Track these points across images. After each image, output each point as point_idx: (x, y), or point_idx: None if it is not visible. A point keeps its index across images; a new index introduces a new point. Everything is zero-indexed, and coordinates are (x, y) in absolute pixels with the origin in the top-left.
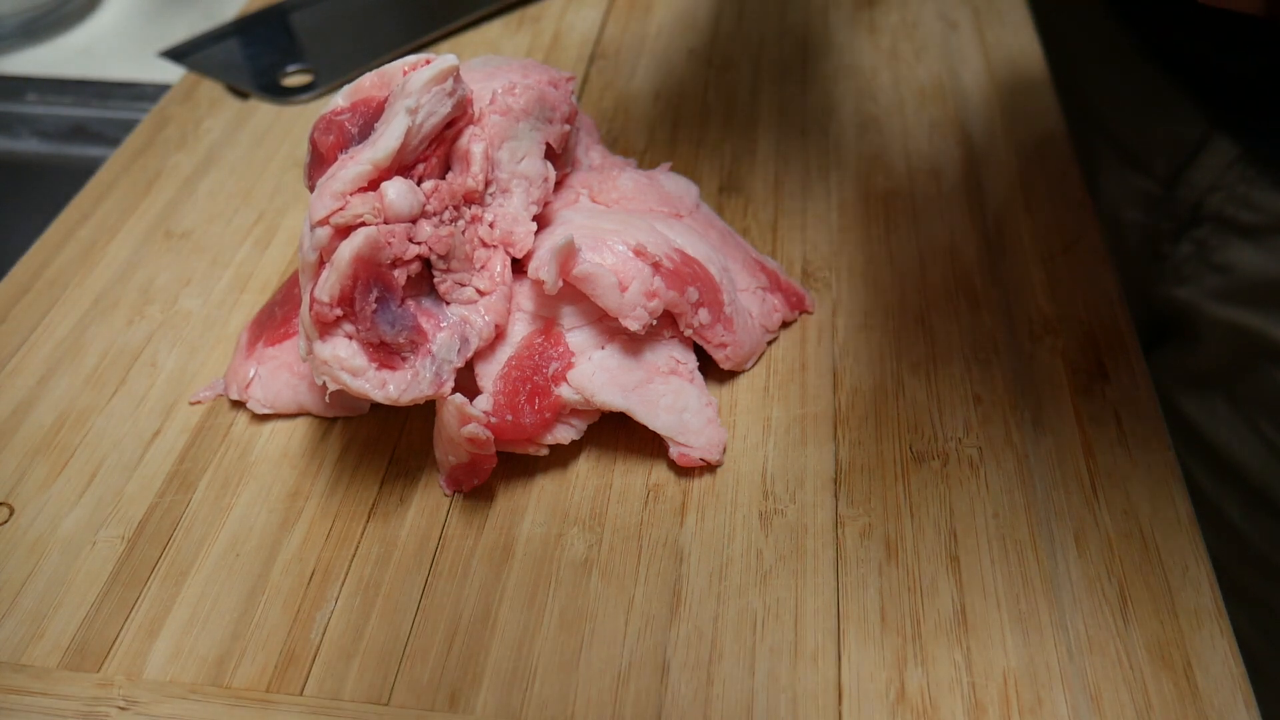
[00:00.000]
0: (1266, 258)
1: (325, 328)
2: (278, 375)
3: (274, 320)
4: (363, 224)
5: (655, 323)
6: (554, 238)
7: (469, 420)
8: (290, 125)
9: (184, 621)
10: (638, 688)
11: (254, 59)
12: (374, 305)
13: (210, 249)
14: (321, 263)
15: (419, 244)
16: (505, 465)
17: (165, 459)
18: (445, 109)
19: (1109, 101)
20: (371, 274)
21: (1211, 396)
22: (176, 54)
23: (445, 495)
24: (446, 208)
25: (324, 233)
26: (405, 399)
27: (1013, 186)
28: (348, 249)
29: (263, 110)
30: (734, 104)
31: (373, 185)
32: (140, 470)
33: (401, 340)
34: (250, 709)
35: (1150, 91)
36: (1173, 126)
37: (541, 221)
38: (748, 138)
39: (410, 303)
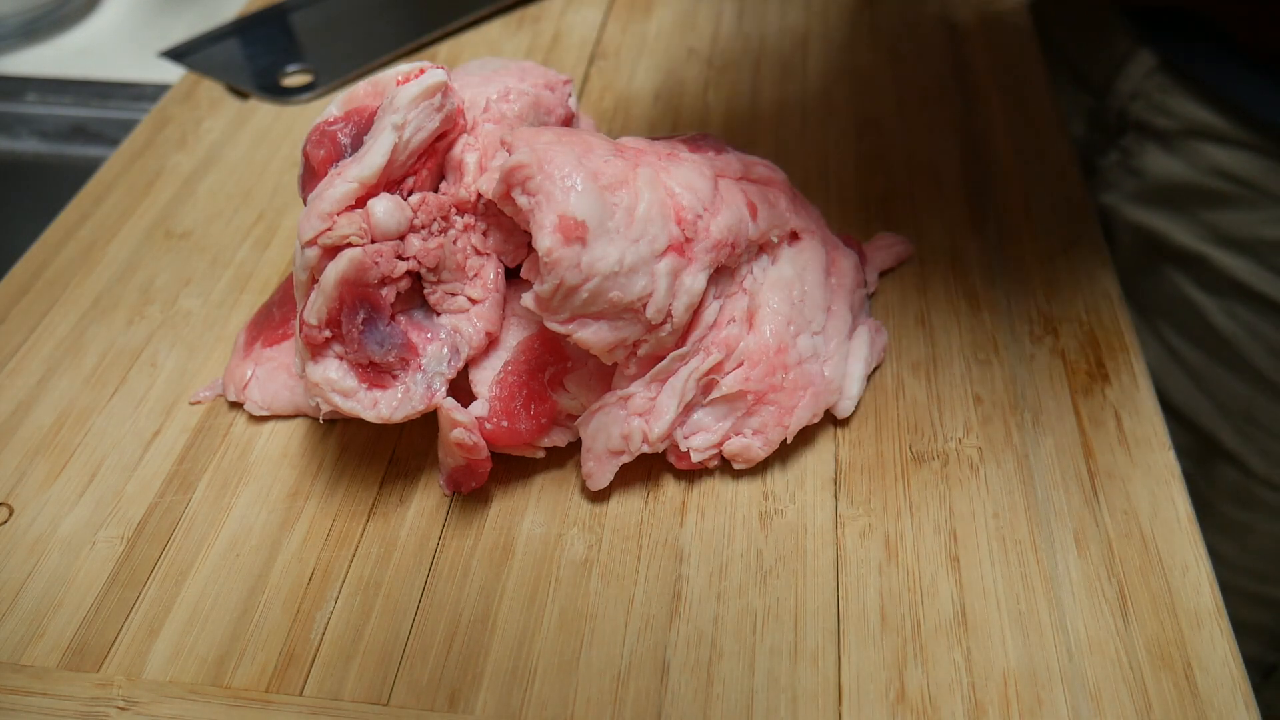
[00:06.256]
0: (1173, 161)
1: (316, 349)
2: (275, 376)
3: (272, 321)
4: (349, 244)
5: None
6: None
7: (456, 425)
8: (290, 125)
9: (184, 621)
10: (638, 688)
11: (254, 59)
12: (361, 326)
13: (210, 249)
14: (313, 281)
15: (407, 259)
16: (505, 465)
17: (165, 459)
18: (434, 124)
19: (1059, 20)
20: (358, 295)
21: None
22: (176, 54)
23: (445, 495)
24: (435, 219)
25: (313, 253)
26: (397, 417)
27: (1013, 186)
28: (333, 272)
29: (263, 110)
30: (734, 104)
31: (360, 203)
32: (140, 470)
33: (391, 359)
34: (250, 709)
35: (1091, 10)
36: (1107, 41)
37: None
38: (748, 138)
39: (400, 318)
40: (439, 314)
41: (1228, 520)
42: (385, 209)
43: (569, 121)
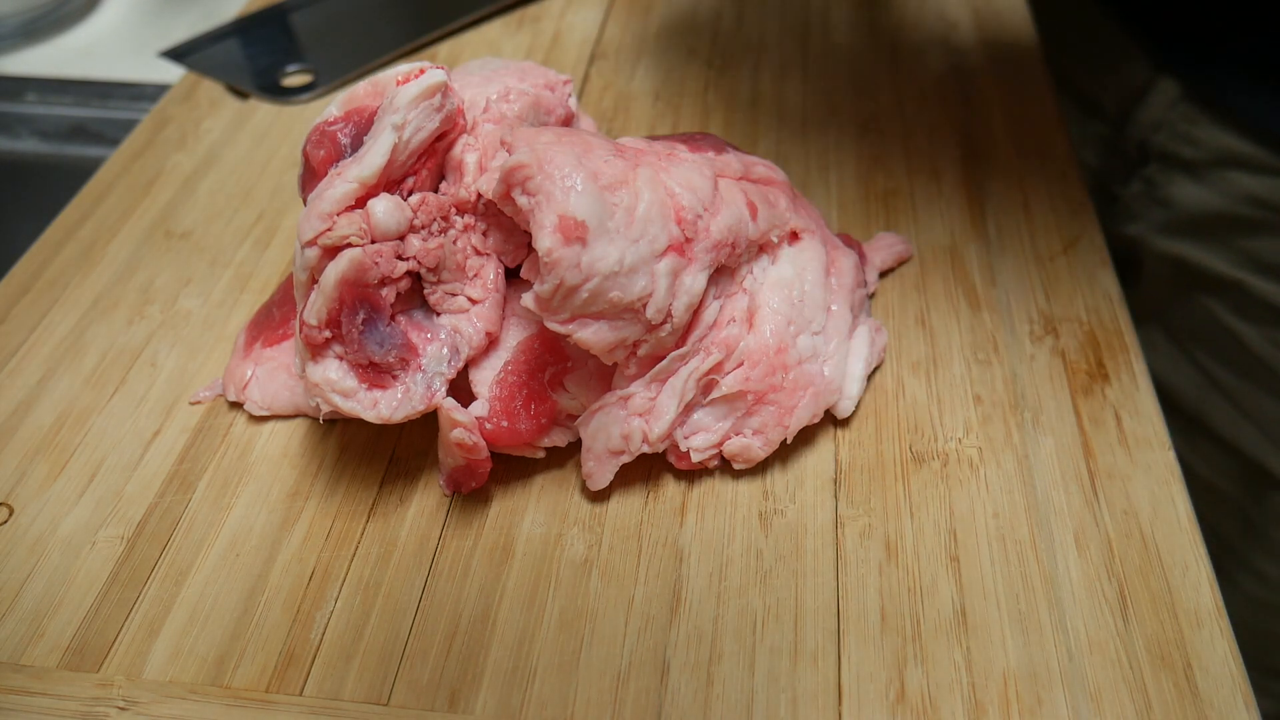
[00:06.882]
0: (1204, 191)
1: (316, 349)
2: (275, 376)
3: (271, 321)
4: (349, 245)
5: None
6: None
7: (456, 425)
8: (290, 125)
9: (184, 621)
10: (638, 688)
11: (254, 59)
12: (361, 326)
13: (210, 249)
14: (313, 281)
15: (407, 259)
16: (505, 465)
17: (165, 459)
18: (433, 124)
19: (1066, 49)
20: (358, 295)
21: (1151, 330)
22: (176, 54)
23: (445, 495)
24: (435, 220)
25: (313, 253)
26: (398, 417)
27: (1013, 186)
28: (333, 272)
29: (263, 110)
30: (734, 104)
31: (360, 203)
32: (140, 470)
33: (391, 360)
34: (250, 709)
35: (1102, 39)
36: (1123, 71)
37: None
38: (748, 138)
39: (400, 319)
40: (439, 314)
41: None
42: (385, 209)
43: (569, 121)
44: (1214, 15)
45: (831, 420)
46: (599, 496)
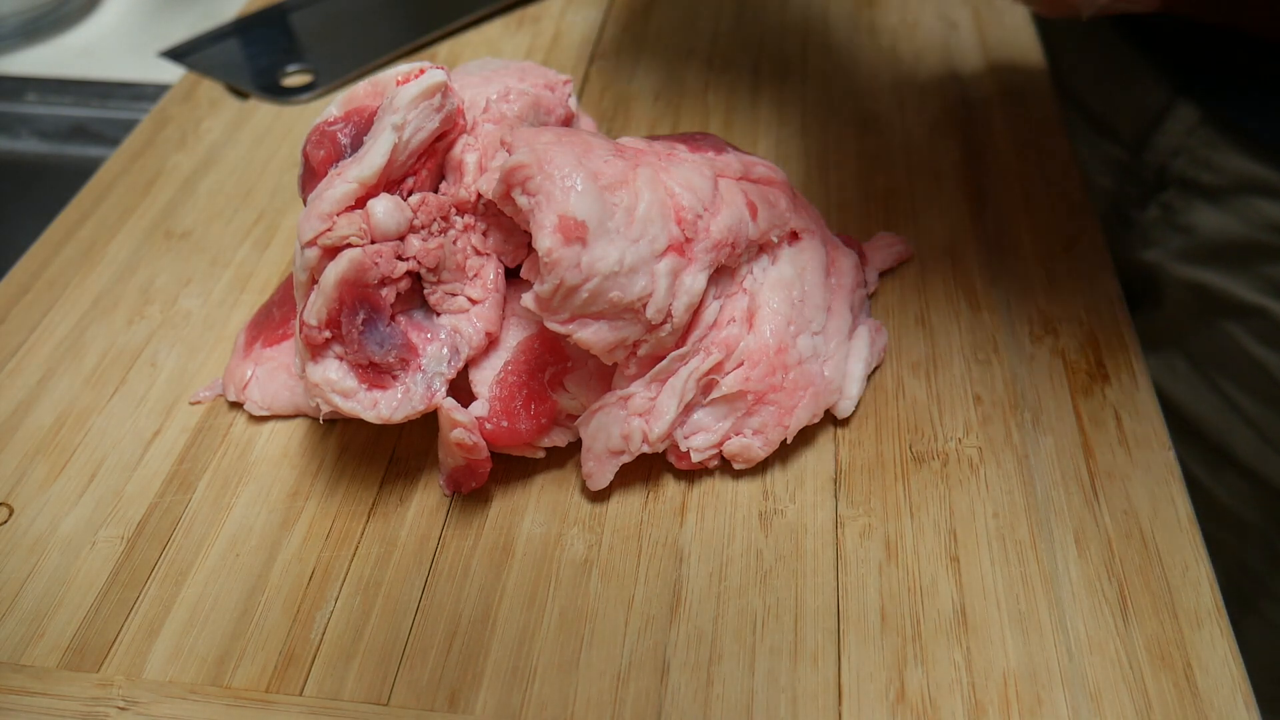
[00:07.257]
0: (1226, 217)
1: (316, 350)
2: (275, 376)
3: (271, 321)
4: (349, 245)
5: None
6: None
7: (456, 425)
8: (290, 125)
9: (184, 621)
10: (638, 688)
11: (254, 59)
12: (361, 327)
13: (210, 249)
14: (313, 282)
15: (407, 259)
16: (505, 465)
17: (165, 459)
18: (433, 124)
19: (1078, 70)
20: (358, 296)
21: (1172, 356)
22: (176, 54)
23: (445, 495)
24: (435, 220)
25: (313, 254)
26: (398, 417)
27: (1013, 186)
28: (333, 273)
29: (263, 110)
30: (734, 104)
31: (360, 203)
32: (140, 470)
33: (391, 360)
34: (250, 709)
35: (1116, 60)
36: (1138, 94)
37: None
38: (748, 138)
39: (400, 319)
40: (439, 314)
41: None
42: (385, 209)
43: (569, 121)
44: (1233, 39)
45: (831, 420)
46: (599, 496)
